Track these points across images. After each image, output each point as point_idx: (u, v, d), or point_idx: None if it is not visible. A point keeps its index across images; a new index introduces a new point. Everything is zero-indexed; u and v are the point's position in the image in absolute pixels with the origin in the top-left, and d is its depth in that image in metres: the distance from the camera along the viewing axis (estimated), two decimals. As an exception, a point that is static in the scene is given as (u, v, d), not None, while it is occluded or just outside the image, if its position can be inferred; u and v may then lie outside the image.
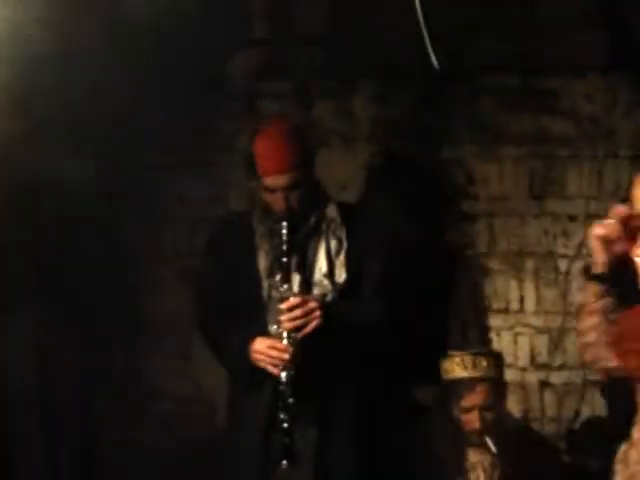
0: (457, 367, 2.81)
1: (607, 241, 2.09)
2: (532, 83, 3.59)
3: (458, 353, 2.84)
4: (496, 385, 2.84)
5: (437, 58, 2.35)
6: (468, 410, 2.78)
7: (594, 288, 2.12)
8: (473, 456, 2.79)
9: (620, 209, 2.11)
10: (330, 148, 3.62)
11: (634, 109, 3.54)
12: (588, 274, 2.14)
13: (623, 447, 2.19)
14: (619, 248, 2.10)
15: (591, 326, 2.13)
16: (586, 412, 3.54)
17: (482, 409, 2.77)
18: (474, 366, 2.81)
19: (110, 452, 3.52)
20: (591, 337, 2.12)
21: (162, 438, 3.56)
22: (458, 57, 3.43)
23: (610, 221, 2.10)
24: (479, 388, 2.80)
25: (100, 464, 3.46)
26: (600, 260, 2.08)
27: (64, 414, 3.33)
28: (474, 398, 2.79)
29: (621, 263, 2.10)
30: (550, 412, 3.59)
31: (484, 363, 2.81)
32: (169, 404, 3.63)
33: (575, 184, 3.55)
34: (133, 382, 3.61)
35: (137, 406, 3.62)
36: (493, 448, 2.74)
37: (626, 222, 2.08)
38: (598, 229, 2.10)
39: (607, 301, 2.12)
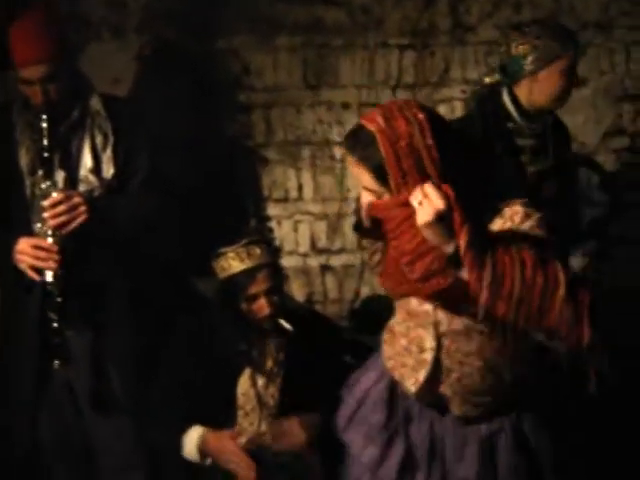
0: (233, 262, 2.81)
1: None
2: (305, -27, 3.60)
3: (230, 249, 2.85)
4: (275, 270, 2.90)
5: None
6: (254, 298, 2.82)
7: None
8: (260, 343, 2.85)
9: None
10: (101, 41, 3.52)
11: (403, -1, 3.63)
12: (357, 229, 2.25)
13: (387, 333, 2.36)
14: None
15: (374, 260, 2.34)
16: (365, 292, 3.72)
17: (268, 293, 2.81)
18: (249, 256, 2.82)
19: None
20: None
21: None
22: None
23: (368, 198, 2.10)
24: (260, 276, 2.83)
25: None
26: (365, 217, 2.16)
27: None
28: (257, 286, 2.81)
29: None
30: (332, 294, 3.75)
31: (258, 251, 2.83)
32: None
33: (348, 73, 3.62)
34: None
35: None
36: (288, 326, 2.79)
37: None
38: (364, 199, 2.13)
39: (377, 246, 2.29)
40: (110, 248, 2.73)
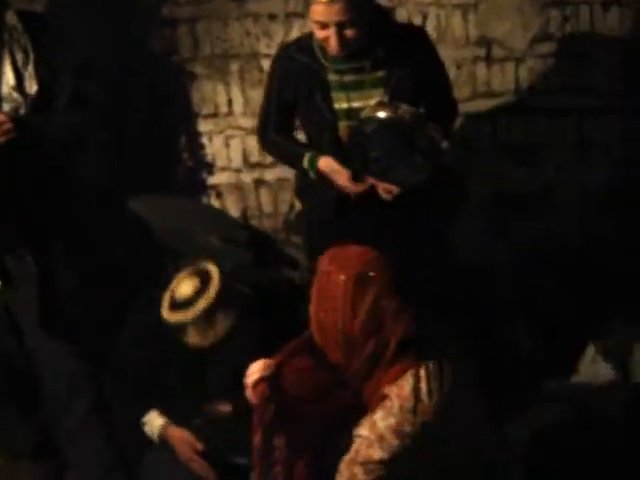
0: (195, 335, 2.62)
1: None
2: None
3: (187, 319, 2.60)
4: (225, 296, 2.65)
5: None
6: None
7: None
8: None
9: None
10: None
11: None
12: None
13: None
14: None
15: None
16: (300, 204, 3.73)
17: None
18: (212, 326, 2.63)
19: None
20: None
21: None
22: None
23: None
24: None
25: None
26: None
27: None
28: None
29: None
30: (267, 209, 3.76)
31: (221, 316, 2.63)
32: None
33: (273, -18, 3.57)
34: None
35: None
36: None
37: None
38: None
39: None
40: (39, 169, 2.68)
